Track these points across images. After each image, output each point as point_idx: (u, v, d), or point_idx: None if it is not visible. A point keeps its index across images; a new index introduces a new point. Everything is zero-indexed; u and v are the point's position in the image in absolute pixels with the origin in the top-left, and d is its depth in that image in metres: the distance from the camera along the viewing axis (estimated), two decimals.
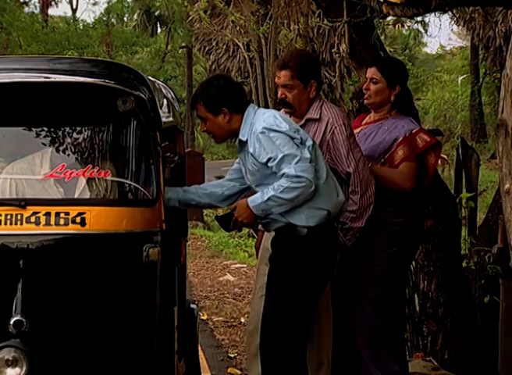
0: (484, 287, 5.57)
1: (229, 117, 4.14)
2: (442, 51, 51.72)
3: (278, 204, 4.01)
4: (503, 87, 3.29)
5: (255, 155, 4.06)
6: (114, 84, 3.70)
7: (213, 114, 4.15)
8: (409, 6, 4.76)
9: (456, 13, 10.29)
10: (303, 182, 3.94)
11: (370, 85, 4.69)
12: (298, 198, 3.99)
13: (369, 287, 4.54)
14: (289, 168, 3.95)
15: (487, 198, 12.90)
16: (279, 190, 3.97)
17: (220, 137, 4.24)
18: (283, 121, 4.08)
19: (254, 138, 4.06)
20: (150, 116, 3.74)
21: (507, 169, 3.28)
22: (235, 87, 4.29)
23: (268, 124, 4.04)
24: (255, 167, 4.10)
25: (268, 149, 4.00)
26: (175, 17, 37.05)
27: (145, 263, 3.60)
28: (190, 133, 33.07)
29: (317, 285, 4.24)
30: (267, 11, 16.90)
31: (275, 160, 3.98)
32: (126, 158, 3.81)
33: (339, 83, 20.60)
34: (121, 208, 3.67)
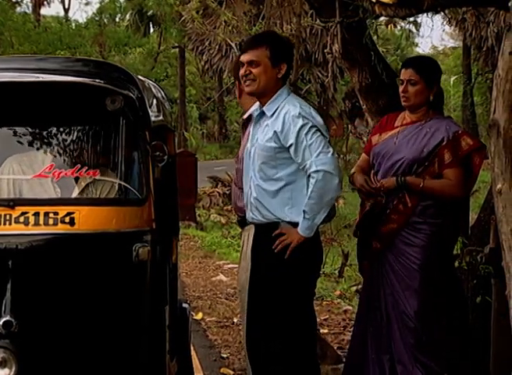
0: (476, 287, 5.56)
1: (281, 76, 4.18)
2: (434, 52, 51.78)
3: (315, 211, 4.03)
4: (495, 88, 3.29)
5: (280, 135, 4.08)
6: (103, 83, 3.69)
7: (272, 63, 4.16)
8: (401, 7, 4.75)
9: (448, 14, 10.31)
10: (321, 176, 3.99)
11: (408, 87, 4.62)
12: (326, 194, 4.02)
13: (412, 290, 4.56)
14: (310, 162, 4.01)
15: (479, 198, 12.89)
16: (307, 196, 4.02)
17: (258, 87, 4.19)
18: (316, 113, 4.16)
19: (287, 118, 4.07)
20: (139, 115, 3.73)
21: (499, 170, 3.28)
22: (293, 57, 4.38)
23: (305, 112, 4.09)
24: (269, 144, 4.11)
25: (295, 135, 4.04)
26: (167, 17, 36.99)
27: (135, 263, 3.58)
28: (183, 133, 33.01)
29: (305, 282, 4.25)
30: (259, 11, 16.86)
31: (296, 149, 4.04)
32: (115, 158, 3.79)
33: (332, 84, 20.59)
34: (110, 207, 3.66)
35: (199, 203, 18.80)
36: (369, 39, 5.46)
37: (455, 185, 4.52)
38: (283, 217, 4.13)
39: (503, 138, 3.25)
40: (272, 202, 4.14)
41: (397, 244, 4.59)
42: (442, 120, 4.65)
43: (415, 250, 4.55)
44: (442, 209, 4.57)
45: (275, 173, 4.13)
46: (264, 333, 4.19)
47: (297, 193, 4.10)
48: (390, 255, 4.62)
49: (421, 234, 4.55)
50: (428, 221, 4.56)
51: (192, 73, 44.27)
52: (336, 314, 8.14)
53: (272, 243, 4.12)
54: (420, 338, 4.55)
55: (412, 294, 4.56)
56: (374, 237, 4.66)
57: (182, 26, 22.49)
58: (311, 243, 4.13)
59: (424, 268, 4.55)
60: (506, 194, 3.26)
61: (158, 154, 3.88)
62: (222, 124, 53.32)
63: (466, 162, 4.58)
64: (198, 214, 17.75)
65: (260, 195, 4.17)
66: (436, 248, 4.58)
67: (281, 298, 4.15)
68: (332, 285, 9.96)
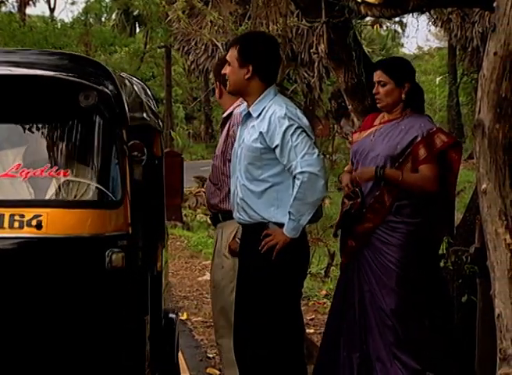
0: (461, 287, 5.58)
1: (251, 76, 4.16)
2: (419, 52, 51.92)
3: (301, 212, 4.03)
4: (480, 88, 3.30)
5: (266, 136, 4.09)
6: (75, 78, 3.51)
7: (239, 63, 4.17)
8: (387, 7, 4.77)
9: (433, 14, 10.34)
10: (306, 177, 4.00)
11: (379, 88, 4.69)
12: (311, 195, 4.04)
13: (389, 288, 4.59)
14: (296, 163, 4.02)
15: (464, 198, 12.94)
16: (292, 197, 4.03)
17: (229, 87, 4.27)
18: (302, 115, 4.19)
19: (273, 119, 4.08)
20: (115, 113, 3.55)
21: (484, 170, 3.29)
22: (275, 56, 4.29)
23: (291, 113, 4.10)
24: (255, 145, 4.12)
25: (280, 136, 4.05)
26: (153, 17, 36.91)
27: (108, 270, 3.39)
28: (169, 133, 32.97)
29: (292, 282, 4.26)
30: (245, 11, 16.86)
31: (282, 150, 4.05)
32: (88, 157, 3.60)
33: (318, 84, 20.60)
34: (81, 210, 3.46)
35: (185, 203, 18.77)
36: (353, 39, 5.47)
37: (430, 180, 4.54)
38: (269, 218, 4.13)
39: (487, 138, 3.26)
40: (258, 203, 4.14)
41: (374, 242, 4.62)
42: (417, 118, 4.68)
43: (392, 249, 4.59)
44: (419, 209, 4.61)
45: (261, 173, 4.13)
46: (251, 334, 4.19)
47: (283, 194, 4.11)
48: (368, 253, 4.65)
49: (397, 233, 4.59)
50: (404, 220, 4.59)
51: (178, 73, 44.20)
52: (322, 314, 8.15)
53: (259, 244, 4.13)
54: (398, 336, 4.57)
55: (389, 293, 4.59)
56: (349, 236, 4.69)
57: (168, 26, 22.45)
58: (298, 244, 4.14)
59: (401, 267, 4.58)
60: (491, 194, 3.27)
61: (137, 154, 3.68)
62: (208, 124, 53.23)
63: (443, 159, 4.62)
64: (184, 214, 17.72)
65: (246, 196, 4.17)
66: (414, 247, 4.61)
67: (268, 298, 4.15)
68: (319, 285, 9.98)
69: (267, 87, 4.21)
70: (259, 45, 4.26)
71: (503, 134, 3.26)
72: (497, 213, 3.26)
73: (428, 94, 37.48)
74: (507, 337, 3.22)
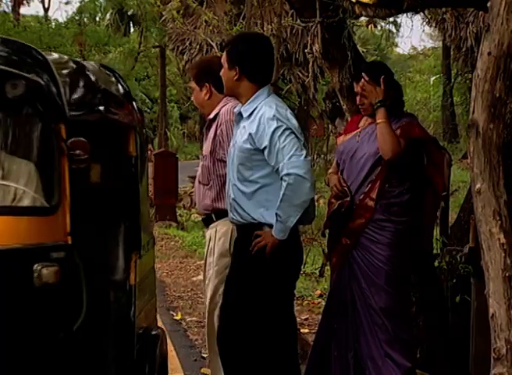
0: (455, 287, 5.59)
1: (239, 77, 4.19)
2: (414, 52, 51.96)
3: (287, 214, 4.03)
4: (474, 88, 3.31)
5: (255, 137, 4.10)
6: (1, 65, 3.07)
7: (228, 65, 4.21)
8: (381, 7, 4.77)
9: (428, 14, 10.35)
10: (292, 179, 4.01)
11: (363, 100, 4.76)
12: (297, 197, 4.03)
13: (378, 287, 4.61)
14: (282, 165, 4.02)
15: (459, 197, 12.96)
16: (279, 199, 4.03)
17: (225, 88, 4.32)
18: (292, 116, 4.17)
19: (262, 120, 4.10)
20: (49, 105, 3.09)
21: (478, 169, 3.30)
22: (263, 57, 4.28)
23: (280, 115, 4.11)
24: (245, 146, 4.15)
25: (269, 138, 4.06)
26: (148, 17, 36.89)
27: (37, 286, 2.92)
28: (164, 133, 32.95)
29: (285, 283, 4.26)
30: (240, 11, 16.85)
31: (270, 151, 4.06)
32: (18, 156, 3.11)
33: (312, 84, 20.59)
34: (4, 217, 2.96)
35: (180, 203, 18.77)
36: (347, 39, 5.48)
37: (393, 143, 4.54)
38: (259, 219, 4.14)
39: (481, 138, 3.27)
40: (249, 204, 4.15)
41: (363, 241, 4.65)
42: (401, 116, 4.75)
43: (380, 247, 4.61)
44: (407, 207, 4.64)
45: (251, 174, 4.14)
46: (241, 336, 4.19)
47: (273, 195, 4.10)
48: (357, 252, 4.68)
49: (385, 232, 4.61)
50: (392, 219, 4.62)
51: (173, 73, 44.16)
52: (316, 314, 8.16)
53: (249, 245, 4.14)
54: (389, 334, 4.58)
55: (378, 291, 4.61)
56: (343, 234, 4.70)
57: (162, 26, 22.43)
58: (290, 245, 4.14)
59: (389, 265, 4.60)
60: (485, 194, 3.28)
61: (78, 153, 3.12)
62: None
63: (425, 153, 4.68)
64: (179, 214, 17.72)
65: (237, 196, 4.18)
66: (402, 245, 4.63)
67: (259, 300, 4.15)
68: (313, 285, 9.98)
69: (259, 87, 4.21)
70: (244, 46, 4.26)
71: (497, 134, 3.27)
72: (491, 213, 3.27)
73: (422, 94, 37.56)
74: (501, 336, 3.23)
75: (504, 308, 3.23)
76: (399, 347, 4.60)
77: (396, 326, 4.61)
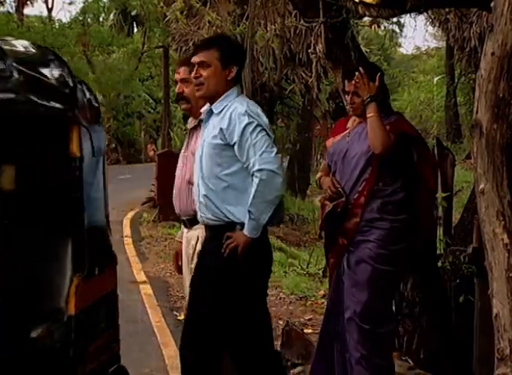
0: (459, 287, 5.59)
1: (233, 77, 4.20)
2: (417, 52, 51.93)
3: (260, 210, 4.03)
4: (478, 88, 3.31)
5: (226, 132, 4.10)
6: None
7: (222, 65, 4.18)
8: (384, 7, 4.77)
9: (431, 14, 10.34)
10: (264, 175, 4.01)
11: (354, 98, 4.74)
12: (269, 193, 4.03)
13: (361, 285, 4.57)
14: (254, 161, 4.02)
15: (462, 198, 12.95)
16: (251, 196, 4.02)
17: (207, 91, 4.22)
18: (263, 113, 4.18)
19: (233, 116, 4.10)
20: None
21: (482, 170, 3.30)
22: (244, 60, 4.34)
23: (251, 111, 4.12)
24: (215, 142, 4.12)
25: (239, 133, 4.06)
26: (151, 17, 36.91)
27: None
28: (167, 133, 32.98)
29: (256, 283, 4.25)
30: (243, 11, 16.86)
31: (241, 147, 4.06)
32: None
33: (316, 84, 20.59)
34: None
35: None
36: (350, 39, 5.47)
37: (383, 138, 4.53)
38: (229, 216, 4.12)
39: (485, 138, 3.27)
40: (218, 201, 4.13)
41: (357, 240, 4.63)
42: (390, 116, 4.73)
43: (371, 244, 4.58)
44: (402, 206, 4.61)
45: (220, 171, 4.13)
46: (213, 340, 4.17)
47: (241, 192, 4.11)
48: (350, 251, 4.66)
49: (379, 230, 4.59)
50: (387, 217, 4.59)
51: None
52: (319, 314, 8.13)
53: (220, 244, 4.10)
54: (364, 333, 4.55)
55: (361, 290, 4.57)
56: (339, 234, 4.70)
57: (166, 26, 22.43)
58: (261, 243, 4.14)
59: (377, 261, 4.56)
60: (489, 194, 3.27)
61: None
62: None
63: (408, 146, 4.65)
64: None
65: (208, 193, 4.16)
66: (394, 244, 4.58)
67: (234, 301, 4.14)
68: (316, 285, 9.97)
69: (231, 87, 4.25)
70: (239, 47, 4.38)
71: (500, 134, 3.27)
72: (495, 213, 3.26)
73: (425, 94, 37.54)
74: (505, 337, 3.23)
75: (508, 309, 3.23)
76: (373, 347, 4.56)
77: (374, 324, 4.55)
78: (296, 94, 21.92)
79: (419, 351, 5.33)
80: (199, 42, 4.57)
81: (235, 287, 4.13)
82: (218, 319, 4.16)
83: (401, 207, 4.61)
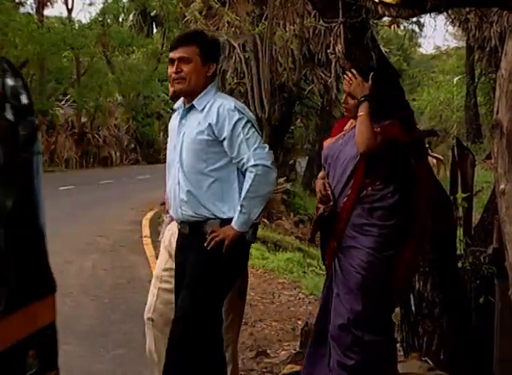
0: (479, 288, 5.57)
1: (212, 73, 4.20)
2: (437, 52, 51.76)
3: (252, 205, 4.02)
4: (499, 88, 3.29)
5: (215, 127, 4.08)
6: None
7: (202, 61, 4.16)
8: (404, 7, 4.75)
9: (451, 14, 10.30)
10: (260, 170, 4.02)
11: (348, 99, 4.73)
12: (263, 188, 4.04)
13: (351, 292, 4.51)
14: (248, 156, 4.02)
15: (482, 198, 12.89)
16: (244, 190, 4.02)
17: (189, 86, 4.18)
18: (248, 110, 4.21)
19: (221, 111, 4.08)
20: None
21: (502, 170, 3.28)
22: (220, 56, 4.39)
23: (240, 107, 4.14)
24: (200, 137, 4.10)
25: (230, 128, 4.05)
26: (170, 17, 37.03)
27: None
28: None
29: (234, 278, 4.26)
30: (262, 11, 16.89)
31: (232, 142, 4.05)
32: None
33: (335, 84, 20.59)
34: None
35: None
36: (370, 39, 5.46)
37: (369, 137, 4.48)
38: (215, 212, 4.09)
39: (506, 138, 3.25)
40: (204, 197, 4.10)
41: (345, 245, 4.58)
42: (386, 120, 4.64)
43: (360, 252, 4.51)
44: (393, 211, 4.54)
45: (205, 167, 4.10)
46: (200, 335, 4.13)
47: (227, 188, 4.09)
48: (339, 257, 4.60)
49: (368, 237, 4.52)
50: (376, 223, 4.53)
51: None
52: None
53: (203, 240, 4.07)
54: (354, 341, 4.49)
55: (351, 300, 4.51)
56: (331, 237, 4.65)
57: (185, 27, 22.50)
58: (243, 238, 4.11)
59: (367, 270, 4.50)
60: (510, 195, 3.26)
61: None
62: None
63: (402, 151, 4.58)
64: None
65: (192, 189, 4.12)
66: (385, 251, 4.52)
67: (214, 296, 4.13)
68: None
69: (209, 83, 4.24)
70: (217, 43, 4.37)
71: None
72: None
73: (445, 94, 37.38)
74: None
75: None
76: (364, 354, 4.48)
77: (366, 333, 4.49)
78: (315, 95, 21.93)
79: (439, 352, 5.31)
80: (178, 37, 4.50)
81: (218, 284, 4.12)
82: (210, 313, 4.13)
83: (392, 212, 4.53)
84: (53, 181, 25.73)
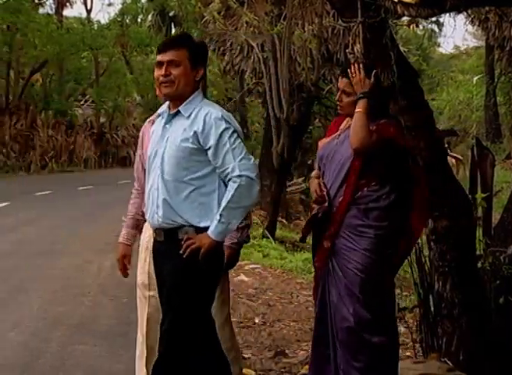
0: (499, 288, 5.55)
1: (200, 78, 4.13)
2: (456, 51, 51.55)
3: (232, 215, 3.96)
4: None
5: (201, 135, 4.00)
6: None
7: (191, 65, 4.10)
8: (424, 7, 4.74)
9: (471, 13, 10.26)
10: (244, 181, 3.95)
11: (342, 97, 4.69)
12: (246, 200, 3.98)
13: (354, 297, 4.50)
14: (233, 166, 3.96)
15: (502, 198, 12.83)
16: (225, 200, 3.95)
17: (177, 89, 4.11)
18: (235, 120, 4.14)
19: (208, 120, 4.01)
20: None
21: None
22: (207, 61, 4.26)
23: (227, 116, 4.06)
24: (184, 145, 4.02)
25: (216, 137, 3.98)
26: (189, 18, 37.05)
27: None
28: None
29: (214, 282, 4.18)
30: (281, 11, 16.85)
31: (217, 151, 3.98)
32: None
33: None
34: None
35: None
36: (389, 39, 5.44)
37: (360, 134, 4.45)
38: (190, 220, 4.02)
39: None
40: (181, 205, 4.03)
41: (341, 247, 4.55)
42: (379, 120, 4.60)
43: (357, 254, 4.49)
44: (388, 211, 4.52)
45: (186, 175, 4.03)
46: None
47: (206, 198, 4.02)
48: (335, 258, 4.58)
49: (364, 238, 4.50)
50: (372, 224, 4.51)
51: (213, 74, 44.31)
52: None
53: (178, 248, 3.99)
54: (359, 346, 4.48)
55: (353, 302, 4.49)
56: (324, 238, 4.63)
57: (203, 27, 22.52)
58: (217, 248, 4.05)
59: (366, 273, 4.48)
60: None
61: None
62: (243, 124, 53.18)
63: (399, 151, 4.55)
64: None
65: (168, 198, 4.05)
66: (381, 252, 4.50)
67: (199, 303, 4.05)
68: None
69: (196, 89, 4.17)
70: (206, 48, 4.27)
71: None
72: None
73: (465, 94, 37.24)
74: None
75: None
76: (371, 356, 4.48)
77: (371, 334, 4.48)
78: (333, 95, 21.84)
79: (458, 353, 5.29)
80: (167, 40, 4.42)
81: (195, 290, 4.03)
82: (196, 321, 4.06)
83: (387, 213, 4.51)
84: (72, 181, 25.84)
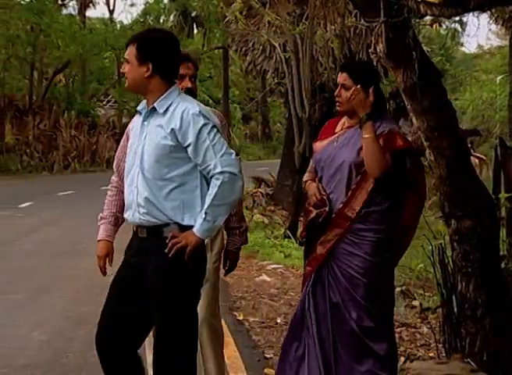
0: None
1: (151, 74, 4.03)
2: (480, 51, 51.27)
3: (217, 212, 3.89)
4: None
5: (178, 132, 3.93)
6: None
7: (138, 61, 4.04)
8: (447, 6, 4.71)
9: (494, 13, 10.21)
10: (227, 177, 3.87)
11: (341, 92, 4.63)
12: (229, 196, 3.90)
13: (356, 301, 4.48)
14: (215, 163, 3.89)
15: None
16: (209, 198, 3.89)
17: (129, 86, 4.10)
18: (214, 114, 4.09)
19: (185, 116, 3.93)
20: None
21: None
22: (176, 54, 4.15)
23: (205, 112, 3.99)
24: (163, 142, 3.95)
25: (195, 134, 3.91)
26: (211, 18, 37.12)
27: None
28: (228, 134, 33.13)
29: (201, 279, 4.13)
30: (303, 11, 16.83)
31: (197, 148, 3.91)
32: None
33: None
34: None
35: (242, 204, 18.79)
36: (412, 38, 5.42)
37: (379, 162, 4.41)
38: (175, 218, 3.95)
39: None
40: (164, 203, 3.96)
41: (341, 251, 4.52)
42: (379, 122, 4.56)
43: (358, 259, 4.47)
44: (386, 214, 4.50)
45: (167, 172, 3.95)
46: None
47: (188, 195, 3.95)
48: (334, 263, 4.55)
49: (364, 242, 4.48)
50: (372, 228, 4.48)
51: (235, 74, 44.40)
52: None
53: (163, 246, 3.92)
54: (364, 350, 4.47)
55: (356, 306, 4.47)
56: (319, 243, 4.59)
57: (226, 27, 22.54)
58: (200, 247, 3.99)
59: (367, 277, 4.46)
60: None
61: None
62: (265, 124, 53.28)
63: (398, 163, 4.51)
64: None
65: (151, 195, 3.98)
66: (381, 254, 4.48)
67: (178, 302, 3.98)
68: None
69: (169, 85, 4.08)
70: (157, 43, 4.11)
71: None
72: None
73: (488, 94, 37.07)
74: None
75: None
76: (373, 362, 4.47)
77: (373, 341, 4.47)
78: None
79: (482, 354, 5.26)
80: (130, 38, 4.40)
81: (182, 289, 3.97)
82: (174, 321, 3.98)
83: (385, 215, 4.49)
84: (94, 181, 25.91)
